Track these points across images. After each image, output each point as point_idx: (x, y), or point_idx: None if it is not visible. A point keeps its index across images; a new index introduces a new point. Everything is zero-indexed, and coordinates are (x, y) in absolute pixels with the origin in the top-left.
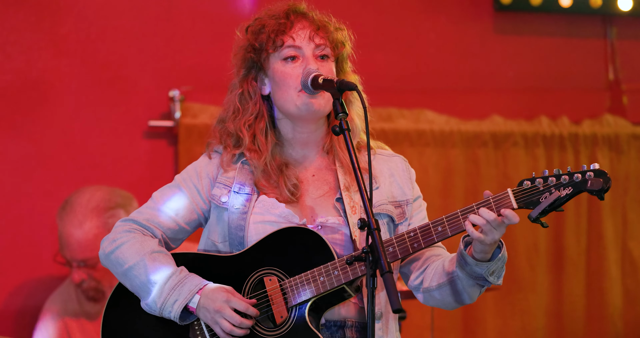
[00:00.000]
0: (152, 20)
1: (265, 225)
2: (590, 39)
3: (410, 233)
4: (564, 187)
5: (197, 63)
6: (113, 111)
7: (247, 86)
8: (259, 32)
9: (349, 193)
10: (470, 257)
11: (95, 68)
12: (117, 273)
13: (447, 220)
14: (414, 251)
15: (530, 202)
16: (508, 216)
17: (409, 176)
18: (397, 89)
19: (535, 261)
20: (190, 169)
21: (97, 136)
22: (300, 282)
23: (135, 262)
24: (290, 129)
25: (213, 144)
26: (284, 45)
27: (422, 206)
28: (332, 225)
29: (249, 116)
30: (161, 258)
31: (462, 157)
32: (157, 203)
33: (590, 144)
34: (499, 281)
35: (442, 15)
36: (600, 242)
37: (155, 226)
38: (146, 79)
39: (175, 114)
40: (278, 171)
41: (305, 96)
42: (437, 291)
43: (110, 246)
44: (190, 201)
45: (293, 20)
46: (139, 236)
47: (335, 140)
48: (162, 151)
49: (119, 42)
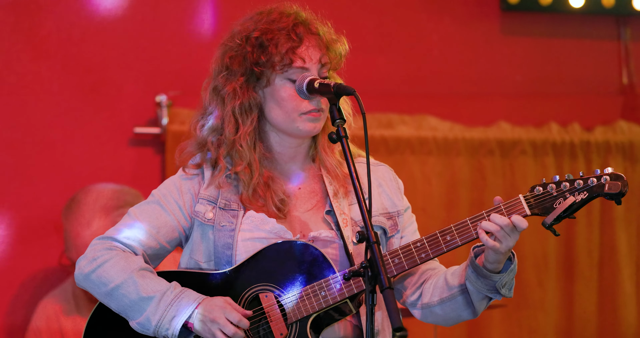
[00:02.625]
0: (138, 21)
1: (255, 242)
2: (603, 41)
3: (417, 243)
4: (578, 192)
5: (186, 66)
6: (96, 118)
7: (247, 96)
8: (266, 46)
9: (337, 200)
10: (483, 268)
11: (77, 72)
12: (100, 293)
13: (456, 229)
14: (422, 262)
15: (544, 208)
16: (515, 223)
17: (397, 186)
18: (397, 94)
19: (544, 276)
20: (169, 184)
21: (79, 144)
22: (300, 298)
23: (123, 280)
24: (278, 142)
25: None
26: (292, 65)
27: (412, 218)
28: (325, 238)
29: (247, 128)
30: (150, 274)
31: (467, 166)
32: (136, 220)
33: (602, 153)
34: (510, 293)
35: (446, 16)
36: (613, 256)
37: (136, 244)
38: (131, 84)
39: (162, 121)
40: (265, 187)
41: (307, 119)
42: (439, 306)
43: (90, 265)
44: (172, 218)
45: (302, 35)
46: (121, 253)
47: (320, 146)
48: (149, 160)
49: (103, 44)
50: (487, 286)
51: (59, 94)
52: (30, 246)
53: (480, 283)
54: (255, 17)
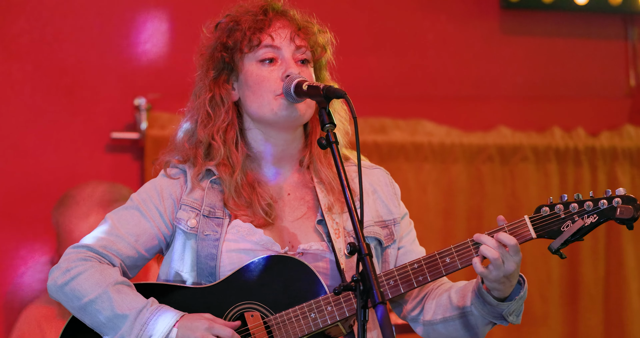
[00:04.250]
0: (115, 20)
1: (241, 253)
2: (609, 41)
3: (414, 265)
4: (588, 215)
5: (166, 67)
6: (71, 122)
7: (218, 89)
8: (233, 30)
9: (331, 214)
10: (490, 296)
11: (50, 73)
12: (74, 307)
13: (457, 251)
14: (419, 285)
15: (551, 231)
16: (502, 241)
17: (393, 191)
18: (391, 97)
19: (548, 291)
20: (149, 188)
21: (53, 149)
22: (289, 319)
23: (97, 295)
24: (262, 140)
25: (173, 160)
26: (260, 44)
27: (410, 225)
28: (316, 251)
29: (221, 123)
30: (127, 289)
31: (464, 174)
32: (114, 228)
33: (609, 159)
34: (518, 320)
35: (442, 14)
36: (620, 270)
37: (113, 253)
38: (108, 86)
39: (141, 125)
40: (250, 189)
41: (283, 100)
42: (442, 325)
43: (64, 277)
44: (152, 225)
45: (272, 17)
46: (97, 264)
47: (315, 154)
48: (127, 167)
49: (78, 44)
50: (493, 314)
51: (31, 97)
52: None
53: (487, 310)
54: (227, 11)
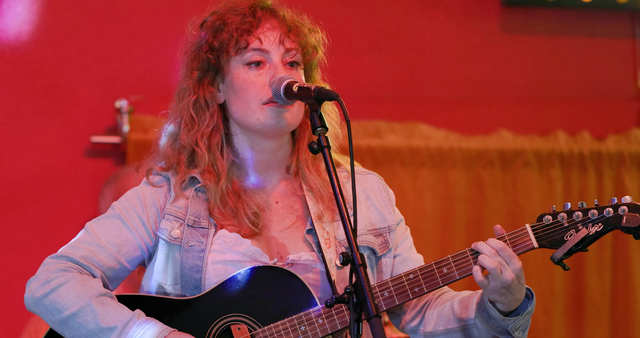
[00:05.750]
0: (96, 18)
1: (227, 265)
2: (616, 39)
3: (409, 275)
4: (592, 223)
5: (148, 68)
6: (49, 125)
7: (202, 91)
8: (219, 29)
9: (321, 224)
10: (495, 310)
11: (27, 74)
12: (54, 321)
13: (454, 260)
14: (415, 296)
15: (553, 241)
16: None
17: (387, 197)
18: (386, 99)
19: (550, 302)
20: (131, 196)
21: (30, 154)
22: (277, 332)
23: (80, 307)
24: (248, 147)
25: (156, 167)
26: (248, 47)
27: (406, 232)
28: (305, 262)
29: (205, 127)
30: (111, 301)
31: (463, 180)
32: (95, 237)
33: (615, 164)
34: (523, 336)
35: (440, 11)
36: (627, 282)
37: (94, 264)
38: (88, 87)
39: (122, 129)
40: (235, 197)
41: (270, 109)
42: (444, 337)
43: (43, 288)
44: (134, 235)
45: (260, 17)
46: (78, 275)
47: (303, 160)
48: (108, 172)
49: (56, 43)
50: (498, 328)
51: (7, 99)
52: None
53: (491, 325)
54: (213, 7)
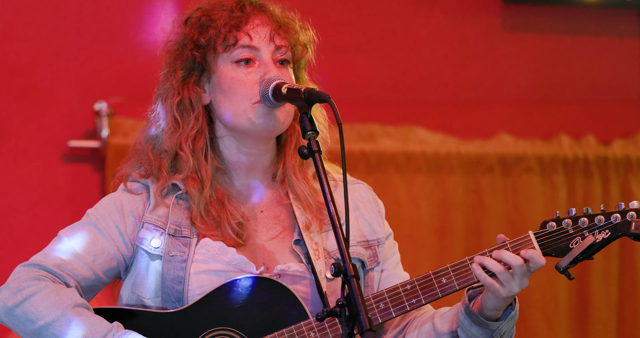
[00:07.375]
0: (73, 16)
1: (211, 275)
2: (622, 39)
3: (406, 286)
4: (599, 230)
5: (129, 69)
6: (24, 129)
7: (187, 92)
8: (205, 26)
9: (309, 234)
10: (478, 315)
11: (1, 75)
12: (26, 331)
13: (454, 270)
14: (412, 308)
15: (558, 249)
16: (533, 258)
17: (377, 209)
18: (380, 101)
19: (554, 315)
20: (108, 203)
21: (3, 159)
22: None
23: (55, 317)
24: (235, 150)
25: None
26: (237, 44)
27: (395, 247)
28: (294, 272)
29: (190, 130)
30: (87, 312)
31: (462, 186)
32: (68, 246)
33: (622, 170)
34: None
35: (437, 9)
36: (635, 293)
37: (68, 273)
38: (65, 89)
39: (102, 132)
40: (219, 206)
41: (260, 108)
42: None
43: (14, 298)
44: (111, 244)
45: (249, 13)
46: (51, 284)
47: (290, 167)
48: (86, 178)
49: (32, 42)
50: (483, 335)
51: None
52: None
53: (475, 331)
54: (197, 4)
